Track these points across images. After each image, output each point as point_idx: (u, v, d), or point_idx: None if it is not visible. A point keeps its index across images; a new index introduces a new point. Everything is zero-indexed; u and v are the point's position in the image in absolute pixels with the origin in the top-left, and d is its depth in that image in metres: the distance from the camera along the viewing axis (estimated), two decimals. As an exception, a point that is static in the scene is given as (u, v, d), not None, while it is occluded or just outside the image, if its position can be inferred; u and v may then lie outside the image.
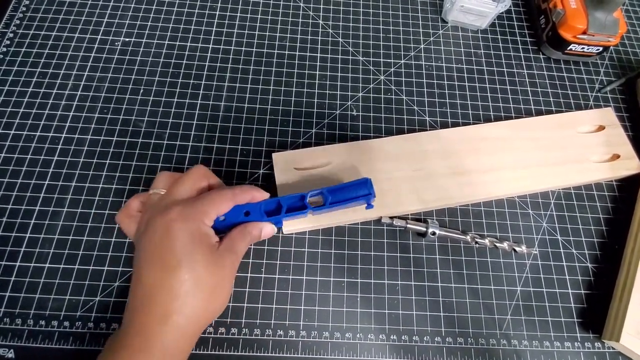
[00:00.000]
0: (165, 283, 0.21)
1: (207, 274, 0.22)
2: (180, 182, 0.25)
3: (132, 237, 0.26)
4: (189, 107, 0.37)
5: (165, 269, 0.22)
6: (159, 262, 0.22)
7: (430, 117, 0.38)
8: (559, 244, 0.34)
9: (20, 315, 0.29)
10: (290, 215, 0.28)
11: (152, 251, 0.22)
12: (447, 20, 0.43)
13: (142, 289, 0.22)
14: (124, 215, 0.26)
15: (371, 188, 0.29)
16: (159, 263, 0.22)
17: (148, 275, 0.22)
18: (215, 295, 0.23)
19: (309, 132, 0.37)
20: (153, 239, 0.22)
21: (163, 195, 0.25)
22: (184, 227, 0.23)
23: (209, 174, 0.27)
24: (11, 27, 0.39)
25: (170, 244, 0.22)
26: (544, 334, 0.31)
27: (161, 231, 0.22)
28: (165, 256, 0.22)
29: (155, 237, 0.22)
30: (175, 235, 0.22)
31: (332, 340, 0.30)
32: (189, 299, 0.22)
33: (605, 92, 0.41)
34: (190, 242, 0.22)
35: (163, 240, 0.22)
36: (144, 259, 0.22)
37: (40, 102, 0.36)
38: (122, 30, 0.39)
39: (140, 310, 0.21)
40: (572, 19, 0.38)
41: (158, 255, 0.22)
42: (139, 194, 0.27)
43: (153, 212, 0.24)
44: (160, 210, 0.24)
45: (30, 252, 0.31)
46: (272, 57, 0.40)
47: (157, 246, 0.22)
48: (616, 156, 0.37)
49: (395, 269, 0.32)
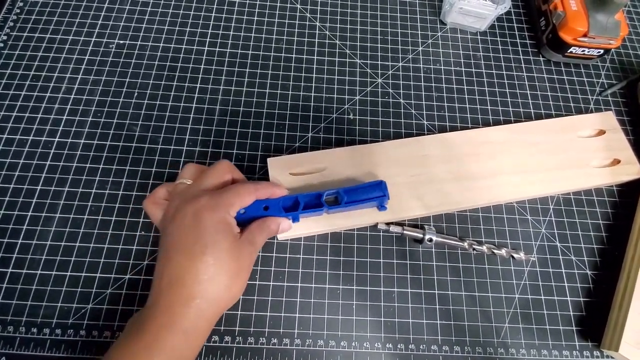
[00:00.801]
0: (191, 267, 0.23)
1: (229, 261, 0.24)
2: (207, 174, 0.27)
3: (158, 222, 0.27)
4: (184, 111, 0.36)
5: (192, 254, 0.23)
6: (187, 247, 0.23)
7: (428, 121, 0.38)
8: (558, 251, 0.34)
9: (12, 323, 0.29)
10: (307, 212, 0.29)
11: (180, 236, 0.23)
12: (445, 22, 0.43)
13: (169, 272, 0.23)
14: (150, 201, 0.27)
15: (385, 190, 0.30)
16: (187, 248, 0.23)
17: (176, 259, 0.23)
18: (234, 282, 0.24)
19: (305, 136, 0.36)
20: (182, 225, 0.24)
21: (190, 185, 0.27)
22: (212, 216, 0.24)
23: (232, 168, 0.29)
24: (4, 29, 0.38)
25: (198, 231, 0.23)
26: (542, 342, 0.31)
27: (190, 218, 0.24)
28: (193, 242, 0.23)
29: (184, 224, 0.24)
30: (204, 223, 0.23)
31: (327, 348, 0.29)
32: (211, 284, 0.23)
33: (606, 96, 0.40)
34: (216, 231, 0.24)
35: (191, 227, 0.23)
36: (171, 242, 0.24)
37: (33, 106, 0.35)
38: (117, 33, 0.39)
39: (166, 291, 0.23)
40: (572, 21, 0.38)
41: (186, 241, 0.23)
42: (165, 183, 0.28)
43: (182, 200, 0.25)
44: (189, 198, 0.25)
45: (22, 258, 0.30)
46: (268, 60, 0.39)
47: (185, 232, 0.23)
48: (617, 161, 0.36)
49: (392, 275, 0.32)
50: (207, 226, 0.23)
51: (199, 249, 0.23)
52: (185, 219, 0.24)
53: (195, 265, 0.23)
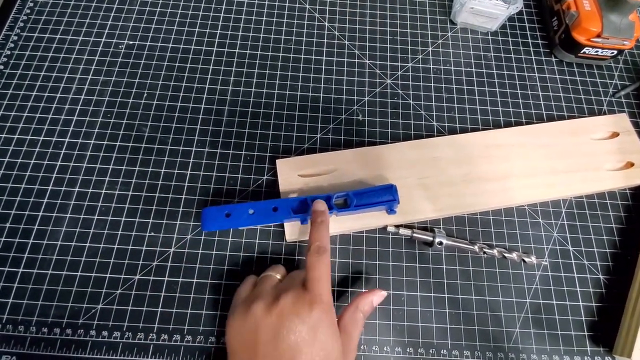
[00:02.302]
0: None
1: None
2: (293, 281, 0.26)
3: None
4: (192, 112, 0.36)
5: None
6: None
7: (438, 122, 0.37)
8: (570, 255, 0.33)
9: (23, 322, 0.29)
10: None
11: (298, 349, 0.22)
12: (456, 22, 0.42)
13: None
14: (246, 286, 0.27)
15: (395, 194, 0.30)
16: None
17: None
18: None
19: (313, 137, 0.36)
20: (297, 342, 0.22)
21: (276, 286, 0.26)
22: (327, 321, 0.23)
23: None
24: (15, 29, 0.38)
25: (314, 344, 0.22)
26: (554, 347, 0.30)
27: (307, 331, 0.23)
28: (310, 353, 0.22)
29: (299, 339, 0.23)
30: (322, 333, 0.23)
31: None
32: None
33: (620, 97, 0.40)
34: (332, 336, 0.23)
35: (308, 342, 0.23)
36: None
37: (43, 106, 0.35)
38: (126, 33, 0.39)
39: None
40: (586, 21, 0.37)
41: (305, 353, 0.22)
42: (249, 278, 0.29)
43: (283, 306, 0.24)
44: (290, 302, 0.24)
45: (34, 258, 0.30)
46: (276, 61, 0.39)
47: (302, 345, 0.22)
48: (630, 164, 0.35)
49: (401, 279, 0.32)
50: (324, 332, 0.23)
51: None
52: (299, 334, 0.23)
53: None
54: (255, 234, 0.32)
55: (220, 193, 0.33)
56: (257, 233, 0.32)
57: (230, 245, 0.32)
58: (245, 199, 0.33)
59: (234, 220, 0.29)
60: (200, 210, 0.32)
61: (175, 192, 0.33)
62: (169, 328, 0.29)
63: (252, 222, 0.29)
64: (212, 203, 0.33)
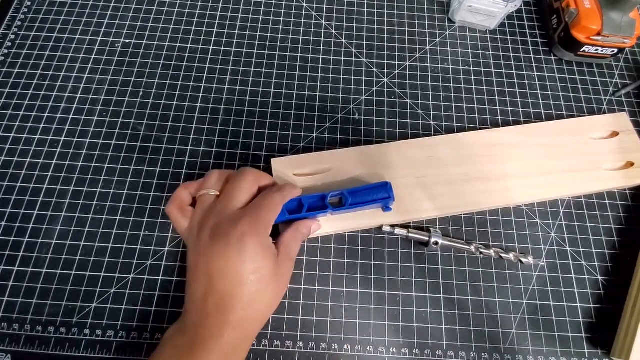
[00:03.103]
0: (237, 293, 0.23)
1: (273, 282, 0.25)
2: (237, 187, 0.26)
3: (183, 231, 0.26)
4: (188, 111, 0.36)
5: (238, 280, 0.23)
6: (232, 272, 0.23)
7: (435, 122, 0.37)
8: (568, 255, 0.33)
9: (18, 320, 0.29)
10: (311, 214, 0.29)
11: (225, 261, 0.23)
12: (454, 21, 0.42)
13: (215, 296, 0.23)
14: (175, 207, 0.27)
15: (390, 191, 0.30)
16: (232, 273, 0.23)
17: (222, 283, 0.23)
18: (276, 299, 0.26)
19: (309, 136, 0.36)
20: (226, 249, 0.23)
21: (220, 199, 0.26)
22: (256, 241, 0.24)
23: (259, 176, 0.28)
24: (12, 29, 0.39)
25: (243, 256, 0.23)
26: (550, 349, 0.30)
27: (234, 243, 0.23)
28: (239, 268, 0.23)
29: (228, 249, 0.23)
30: (248, 247, 0.24)
31: (330, 352, 0.29)
32: (257, 304, 0.24)
33: (620, 96, 0.39)
34: (260, 255, 0.24)
35: (236, 252, 0.23)
36: (214, 266, 0.24)
37: (40, 105, 0.35)
38: (122, 32, 0.39)
39: (214, 315, 0.23)
40: (585, 19, 0.37)
41: (232, 266, 0.23)
42: (186, 184, 0.28)
43: (218, 219, 0.25)
44: (226, 218, 0.25)
45: (28, 256, 0.30)
46: (273, 60, 0.39)
47: (229, 257, 0.23)
48: (630, 164, 0.35)
49: (396, 279, 0.31)
50: (252, 251, 0.24)
51: (245, 275, 0.23)
52: (230, 245, 0.23)
53: (241, 290, 0.23)
54: (250, 233, 0.32)
55: (216, 192, 0.33)
56: (251, 232, 0.32)
57: (224, 244, 0.31)
58: (241, 198, 0.33)
59: None
60: (195, 209, 0.32)
61: (170, 191, 0.33)
62: (162, 327, 0.29)
63: None
64: (207, 202, 0.33)
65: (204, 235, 0.24)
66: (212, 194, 0.27)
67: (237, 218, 0.24)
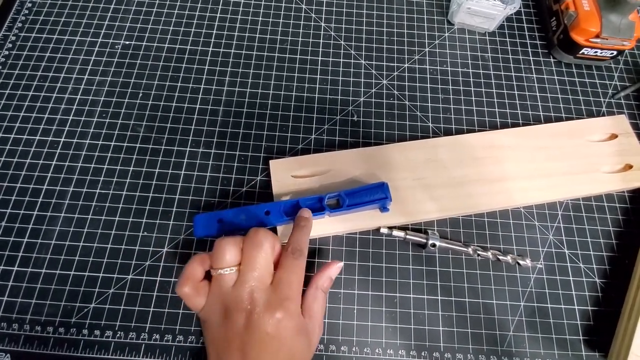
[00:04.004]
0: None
1: (307, 351, 0.25)
2: (263, 262, 0.25)
3: (199, 310, 0.25)
4: (187, 112, 0.36)
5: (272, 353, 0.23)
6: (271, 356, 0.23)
7: (434, 124, 0.37)
8: (566, 258, 0.33)
9: (17, 320, 0.29)
10: None
11: (261, 351, 0.23)
12: (453, 23, 0.42)
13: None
14: (190, 287, 0.25)
15: (387, 192, 0.30)
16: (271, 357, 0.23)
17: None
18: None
19: (308, 138, 0.36)
20: (264, 339, 0.23)
21: (247, 278, 0.24)
22: (292, 326, 0.24)
23: (272, 236, 0.26)
24: (13, 30, 0.39)
25: (280, 343, 0.23)
26: (548, 351, 0.30)
27: (273, 332, 0.23)
28: (275, 355, 0.23)
29: (266, 338, 0.23)
30: (285, 335, 0.23)
31: (327, 353, 0.29)
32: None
33: (619, 98, 0.39)
34: (295, 338, 0.24)
35: (274, 341, 0.23)
36: (254, 357, 0.23)
37: (40, 106, 0.36)
38: (122, 34, 0.39)
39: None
40: (584, 21, 0.37)
41: (269, 355, 0.23)
42: (197, 259, 0.25)
43: (252, 305, 0.24)
44: (263, 304, 0.24)
45: (28, 257, 0.31)
46: (272, 61, 0.39)
47: (267, 347, 0.23)
48: (629, 166, 0.35)
49: (394, 280, 0.31)
50: (288, 337, 0.24)
51: (281, 358, 0.23)
52: (268, 335, 0.23)
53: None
54: (248, 234, 0.32)
55: (214, 193, 0.33)
56: (249, 233, 0.32)
57: (222, 245, 0.32)
58: (239, 199, 0.33)
59: (226, 225, 0.29)
60: (194, 211, 0.32)
61: (168, 192, 0.33)
62: (160, 328, 0.29)
63: (244, 227, 0.29)
64: (206, 203, 0.33)
65: (236, 324, 0.23)
66: (232, 272, 0.25)
67: (272, 304, 0.24)
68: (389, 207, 0.31)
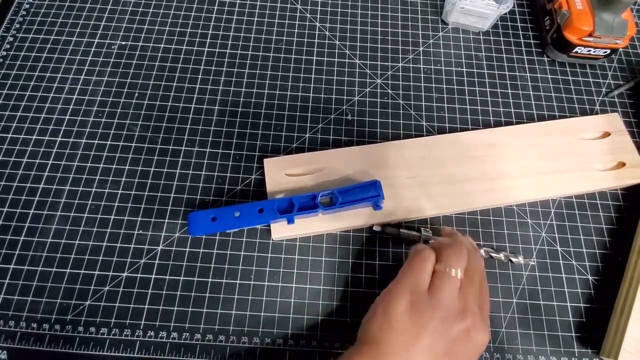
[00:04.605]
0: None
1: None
2: (483, 281, 0.27)
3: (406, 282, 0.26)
4: (183, 111, 0.36)
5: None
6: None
7: (428, 122, 0.37)
8: (559, 255, 0.33)
9: (14, 317, 0.29)
10: (302, 213, 0.29)
11: (444, 346, 0.24)
12: (447, 22, 0.42)
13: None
14: (431, 259, 0.27)
15: (380, 190, 0.30)
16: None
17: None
18: None
19: (302, 137, 0.36)
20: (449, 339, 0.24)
21: (471, 290, 0.26)
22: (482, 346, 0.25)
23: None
24: (11, 31, 0.39)
25: (459, 351, 0.24)
26: (540, 348, 0.30)
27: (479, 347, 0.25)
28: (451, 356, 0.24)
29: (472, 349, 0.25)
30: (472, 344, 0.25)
31: (320, 349, 0.29)
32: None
33: (613, 97, 0.39)
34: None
35: (455, 345, 0.24)
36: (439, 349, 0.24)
37: (37, 106, 0.36)
38: (119, 34, 0.40)
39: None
40: (577, 20, 0.37)
41: (448, 352, 0.24)
42: (431, 251, 0.27)
43: (472, 318, 0.25)
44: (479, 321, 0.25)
45: (24, 255, 0.31)
46: (267, 61, 0.39)
47: (447, 344, 0.24)
48: (621, 164, 0.35)
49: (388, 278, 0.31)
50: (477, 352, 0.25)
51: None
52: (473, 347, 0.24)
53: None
54: (243, 232, 0.32)
55: (209, 192, 0.34)
56: (244, 231, 0.32)
57: (217, 243, 0.32)
58: (234, 197, 0.34)
59: (220, 223, 0.29)
60: (189, 209, 0.33)
61: (164, 191, 0.33)
62: (155, 325, 0.29)
63: (239, 224, 0.30)
64: (200, 202, 0.33)
65: (454, 329, 0.24)
66: (459, 277, 0.26)
67: (481, 321, 0.25)
68: (382, 205, 0.31)
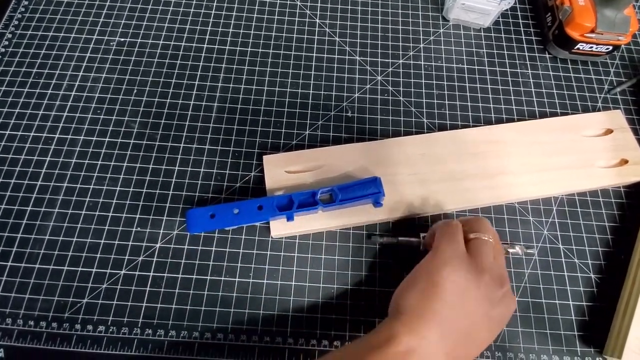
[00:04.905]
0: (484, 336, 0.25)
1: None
2: (501, 252, 0.28)
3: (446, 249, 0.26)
4: (182, 108, 0.36)
5: (491, 330, 0.26)
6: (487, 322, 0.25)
7: (428, 119, 0.37)
8: (561, 253, 0.33)
9: (11, 315, 0.29)
10: (302, 210, 0.29)
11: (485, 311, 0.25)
12: (448, 19, 0.42)
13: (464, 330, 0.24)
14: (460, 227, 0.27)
15: (380, 187, 0.30)
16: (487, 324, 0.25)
17: (481, 335, 0.25)
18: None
19: (302, 133, 0.36)
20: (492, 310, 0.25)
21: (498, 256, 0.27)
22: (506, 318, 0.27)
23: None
24: (10, 27, 0.39)
25: (498, 323, 0.26)
26: (542, 347, 0.30)
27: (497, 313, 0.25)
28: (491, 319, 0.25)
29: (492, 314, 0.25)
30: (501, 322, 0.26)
31: (320, 347, 0.29)
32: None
33: (615, 94, 0.39)
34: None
35: (496, 308, 0.25)
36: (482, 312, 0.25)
37: (35, 103, 0.36)
38: (118, 30, 0.39)
39: (461, 343, 0.24)
40: (579, 16, 0.37)
41: (488, 314, 0.25)
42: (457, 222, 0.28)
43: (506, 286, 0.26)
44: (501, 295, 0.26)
45: (22, 252, 0.31)
46: (267, 57, 0.39)
47: (491, 313, 0.25)
48: (624, 161, 0.35)
49: (388, 276, 0.31)
50: (501, 324, 0.26)
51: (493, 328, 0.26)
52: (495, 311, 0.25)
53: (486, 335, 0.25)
54: (242, 229, 0.32)
55: (208, 189, 0.33)
56: (243, 228, 0.32)
57: (216, 241, 0.32)
58: (233, 195, 0.33)
59: (219, 220, 0.29)
60: (187, 206, 0.32)
61: (162, 188, 0.33)
62: (153, 323, 0.29)
63: (238, 221, 0.29)
64: (199, 199, 0.33)
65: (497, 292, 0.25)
66: (489, 239, 0.27)
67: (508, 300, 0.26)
68: (382, 202, 0.31)
